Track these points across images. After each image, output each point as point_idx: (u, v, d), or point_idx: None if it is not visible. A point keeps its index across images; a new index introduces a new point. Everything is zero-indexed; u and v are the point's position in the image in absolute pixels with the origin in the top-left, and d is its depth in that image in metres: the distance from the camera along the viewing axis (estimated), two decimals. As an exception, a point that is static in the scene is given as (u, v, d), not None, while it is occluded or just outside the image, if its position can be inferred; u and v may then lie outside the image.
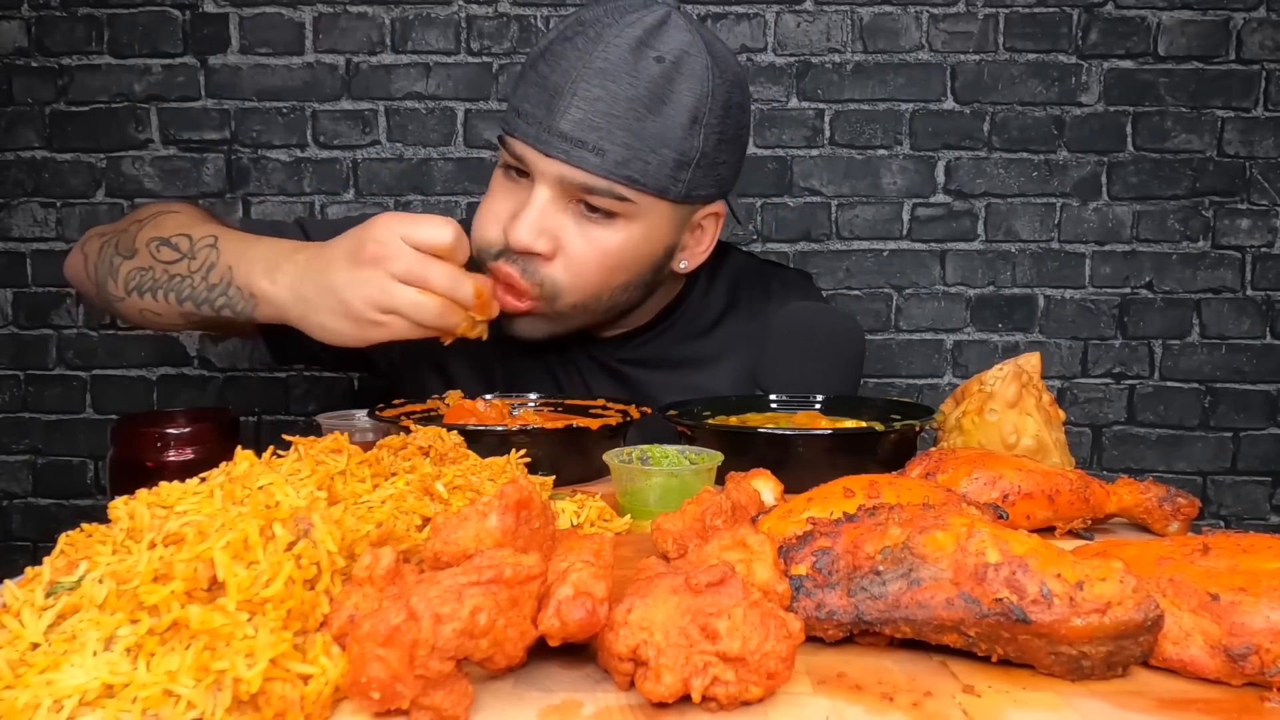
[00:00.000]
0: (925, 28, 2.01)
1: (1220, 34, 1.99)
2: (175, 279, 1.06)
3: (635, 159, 1.02)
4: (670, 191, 1.05)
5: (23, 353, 2.08)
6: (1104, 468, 2.08)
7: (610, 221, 1.06)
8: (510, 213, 1.07)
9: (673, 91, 1.02)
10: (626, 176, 1.02)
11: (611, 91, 1.01)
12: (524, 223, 1.04)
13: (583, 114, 1.01)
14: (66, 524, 0.62)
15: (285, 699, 0.42)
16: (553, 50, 1.05)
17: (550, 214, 1.05)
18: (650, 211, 1.07)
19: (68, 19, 2.01)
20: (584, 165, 1.01)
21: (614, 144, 1.01)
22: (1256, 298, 2.05)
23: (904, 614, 0.50)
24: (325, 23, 2.01)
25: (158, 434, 1.06)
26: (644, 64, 1.01)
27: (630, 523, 0.78)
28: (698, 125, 1.04)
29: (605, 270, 1.08)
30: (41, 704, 0.41)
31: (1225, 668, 0.48)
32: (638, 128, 1.01)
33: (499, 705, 0.46)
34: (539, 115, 1.03)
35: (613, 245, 1.07)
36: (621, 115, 1.01)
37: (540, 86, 1.03)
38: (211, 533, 0.49)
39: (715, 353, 1.25)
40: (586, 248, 1.06)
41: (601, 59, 1.01)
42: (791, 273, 1.37)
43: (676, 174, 1.05)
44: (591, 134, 1.01)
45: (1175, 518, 0.75)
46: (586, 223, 1.06)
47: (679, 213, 1.10)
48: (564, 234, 1.06)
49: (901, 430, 0.90)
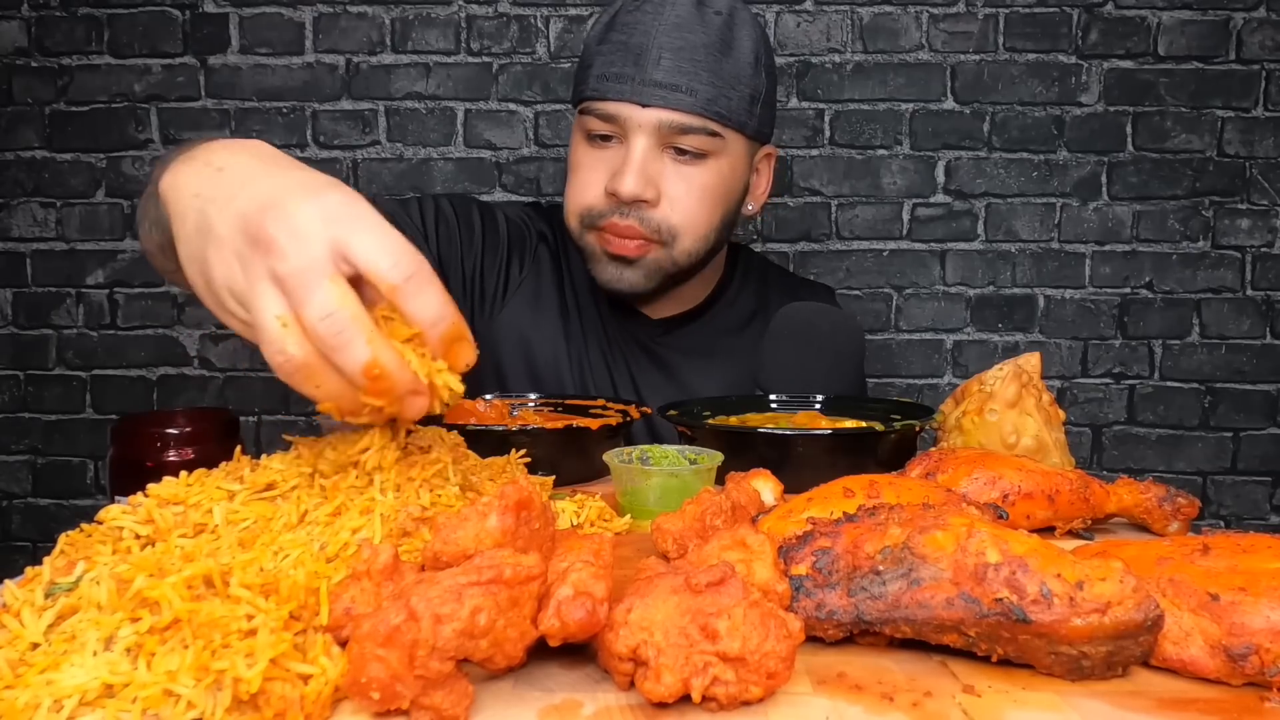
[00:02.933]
0: (925, 28, 2.01)
1: (1220, 34, 1.99)
2: (151, 201, 0.78)
3: (721, 96, 1.14)
4: (748, 126, 1.18)
5: (23, 353, 2.08)
6: (1104, 468, 2.08)
7: (702, 161, 1.16)
8: (606, 174, 1.16)
9: (735, 38, 1.15)
10: (717, 113, 1.14)
11: (690, 41, 1.13)
12: (630, 173, 1.13)
13: (671, 62, 1.12)
14: (66, 524, 0.63)
15: (285, 699, 0.42)
16: (620, 21, 1.16)
17: (650, 162, 1.14)
18: (732, 147, 1.18)
19: (68, 19, 2.01)
20: (681, 106, 1.12)
21: (702, 84, 1.13)
22: (1256, 298, 2.05)
23: (904, 614, 0.50)
24: (325, 23, 2.01)
25: (158, 434, 1.06)
26: (708, 17, 1.15)
27: (630, 523, 0.78)
28: (759, 65, 1.18)
29: (708, 206, 1.18)
30: (41, 704, 0.41)
31: (1225, 668, 0.48)
32: (717, 68, 1.13)
33: (499, 705, 0.46)
34: (629, 73, 1.13)
35: (710, 181, 1.17)
36: (703, 59, 1.13)
37: (623, 50, 1.14)
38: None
39: (748, 349, 1.30)
40: (687, 188, 1.16)
41: (673, 16, 1.14)
42: (819, 286, 1.45)
43: (751, 109, 1.17)
44: (683, 78, 1.12)
45: (1175, 518, 0.75)
46: (682, 165, 1.16)
47: (750, 149, 1.22)
48: (664, 180, 1.16)
49: (901, 430, 0.90)
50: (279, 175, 0.65)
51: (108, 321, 2.08)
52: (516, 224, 1.33)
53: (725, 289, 1.34)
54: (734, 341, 1.33)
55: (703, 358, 1.31)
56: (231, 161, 0.68)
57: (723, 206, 1.21)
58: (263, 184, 0.63)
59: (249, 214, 0.60)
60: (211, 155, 0.70)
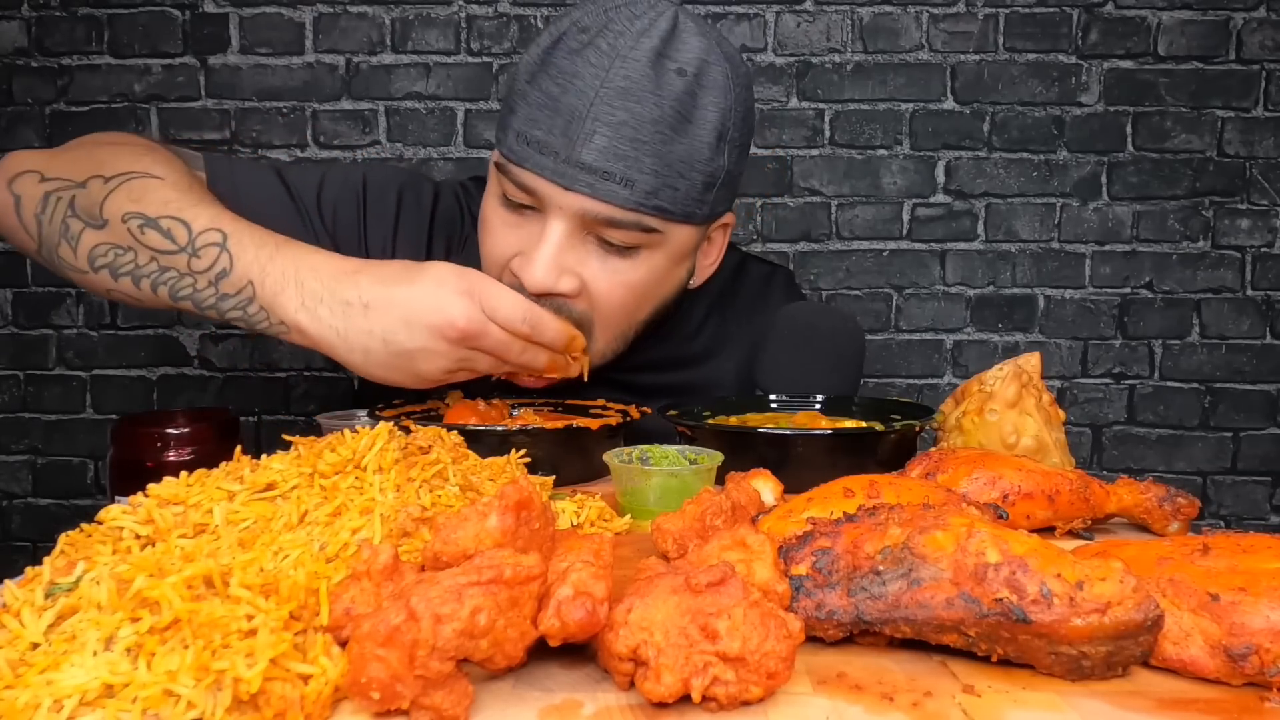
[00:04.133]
0: (925, 28, 2.01)
1: (1220, 34, 1.99)
2: (170, 274, 0.89)
3: (664, 187, 0.94)
4: (696, 216, 0.99)
5: (23, 353, 2.09)
6: (1104, 468, 2.08)
7: (633, 254, 0.98)
8: (515, 250, 0.99)
9: (696, 108, 0.94)
10: (656, 207, 0.94)
11: (636, 114, 0.91)
12: (540, 263, 0.95)
13: (607, 141, 0.91)
14: (66, 524, 0.62)
15: (285, 699, 0.42)
16: (556, 65, 0.93)
17: (568, 250, 0.96)
18: (673, 237, 0.99)
19: (68, 19, 2.01)
20: (612, 199, 0.92)
21: (643, 172, 0.92)
22: (1256, 298, 2.05)
23: (904, 614, 0.50)
24: (325, 23, 2.02)
25: (158, 434, 1.06)
26: (666, 79, 0.92)
27: (630, 523, 0.78)
28: (723, 142, 0.96)
29: (631, 306, 1.02)
30: (41, 704, 0.41)
31: (1225, 668, 0.48)
32: (665, 152, 0.93)
33: (499, 705, 0.46)
34: (555, 144, 0.92)
35: (637, 279, 1.00)
36: (648, 140, 0.92)
37: (551, 110, 0.92)
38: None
39: (704, 349, 1.25)
40: (610, 284, 0.99)
41: (621, 77, 0.91)
42: (778, 269, 1.34)
43: (703, 196, 0.98)
44: (619, 164, 0.91)
45: (1175, 518, 0.75)
46: (608, 255, 0.98)
47: (700, 233, 1.04)
48: (585, 270, 0.98)
49: (901, 430, 0.90)
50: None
51: (108, 321, 2.08)
52: (447, 206, 1.18)
53: (677, 306, 1.17)
54: (690, 344, 1.23)
55: (656, 371, 1.20)
56: (327, 284, 0.89)
57: (654, 302, 1.05)
58: (381, 294, 0.88)
59: (425, 327, 0.86)
60: (312, 294, 0.88)
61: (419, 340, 0.86)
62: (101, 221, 0.90)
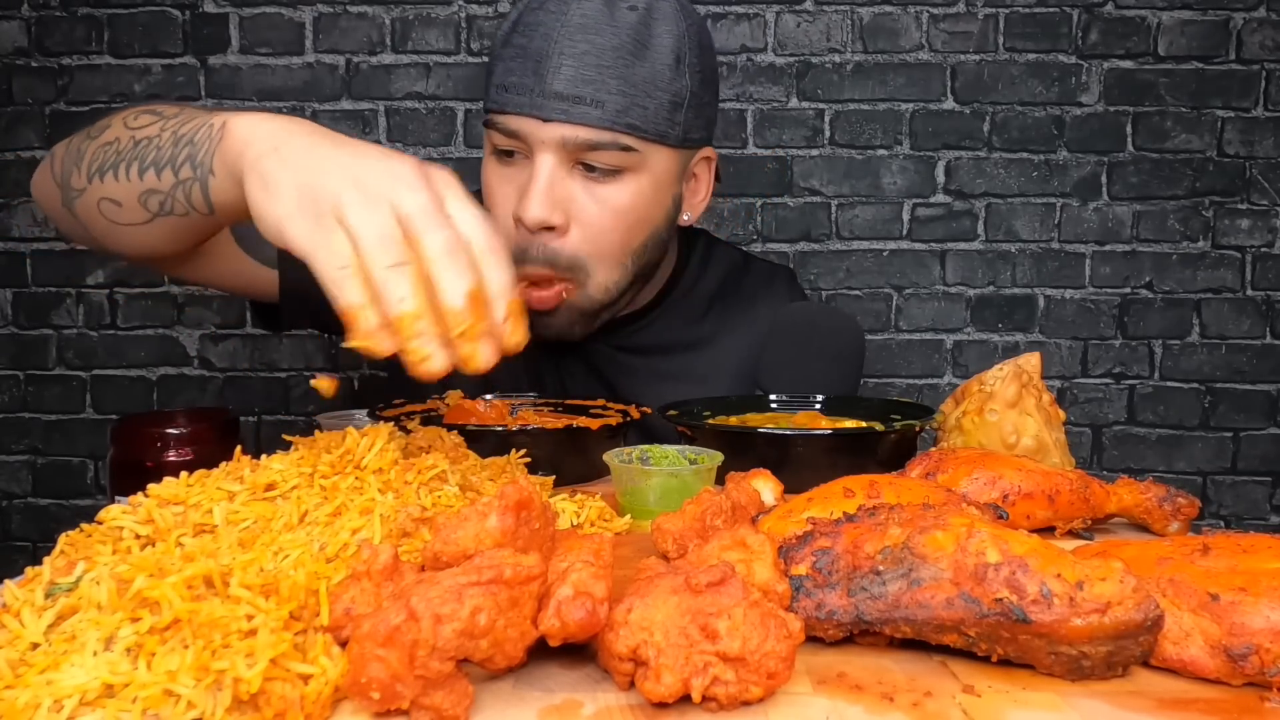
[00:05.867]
0: (925, 28, 2.01)
1: (1220, 34, 1.99)
2: (142, 144, 0.82)
3: (633, 106, 1.02)
4: (670, 135, 1.05)
5: (23, 353, 2.08)
6: (1104, 468, 2.08)
7: (617, 178, 1.05)
8: (515, 195, 1.04)
9: (652, 35, 1.03)
10: (628, 124, 1.02)
11: (596, 44, 1.00)
12: (534, 197, 1.01)
13: (574, 70, 1.00)
14: (66, 524, 0.62)
15: (285, 699, 0.42)
16: (523, 22, 1.04)
17: (556, 183, 1.03)
18: (653, 160, 1.06)
19: (68, 19, 2.01)
20: (586, 120, 1.00)
21: (610, 94, 1.00)
22: (1256, 298, 2.05)
23: (904, 614, 0.50)
24: (325, 23, 2.01)
25: (158, 434, 1.06)
26: (619, 14, 1.02)
27: (630, 523, 0.78)
28: (682, 65, 1.04)
29: (623, 231, 1.07)
30: (41, 704, 0.41)
31: (1225, 668, 0.48)
32: (628, 74, 1.01)
33: (499, 705, 0.46)
34: (528, 83, 1.01)
35: (624, 202, 1.05)
36: (611, 65, 1.00)
37: (522, 57, 1.02)
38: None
39: (708, 338, 1.25)
40: (599, 210, 1.04)
41: (578, 16, 1.01)
42: (780, 268, 1.36)
43: (673, 116, 1.05)
44: (587, 88, 1.00)
45: (1175, 518, 0.75)
46: (593, 184, 1.04)
47: (679, 159, 1.10)
48: (573, 202, 1.04)
49: (901, 430, 0.90)
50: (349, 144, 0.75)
51: (108, 321, 2.08)
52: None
53: (680, 278, 1.24)
54: (694, 330, 1.24)
55: (660, 355, 1.22)
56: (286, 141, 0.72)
57: (645, 229, 1.09)
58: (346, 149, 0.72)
59: (379, 152, 0.72)
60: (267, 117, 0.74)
61: (348, 150, 0.71)
62: (104, 129, 0.88)
